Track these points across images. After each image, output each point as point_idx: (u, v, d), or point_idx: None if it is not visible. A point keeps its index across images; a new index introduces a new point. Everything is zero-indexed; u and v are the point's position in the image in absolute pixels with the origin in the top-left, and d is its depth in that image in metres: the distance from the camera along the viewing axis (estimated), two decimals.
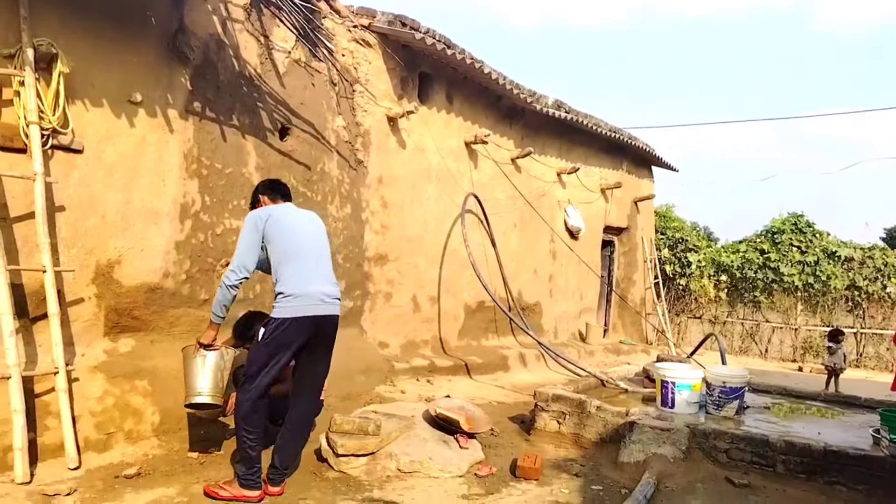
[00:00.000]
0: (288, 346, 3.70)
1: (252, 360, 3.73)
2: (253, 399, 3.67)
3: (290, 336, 3.68)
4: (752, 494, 4.27)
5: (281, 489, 3.83)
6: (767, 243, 15.48)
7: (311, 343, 3.80)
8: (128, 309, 4.71)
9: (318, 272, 3.87)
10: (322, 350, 3.90)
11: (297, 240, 3.82)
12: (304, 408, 3.97)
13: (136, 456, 4.13)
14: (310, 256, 3.85)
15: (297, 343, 3.72)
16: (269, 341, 3.67)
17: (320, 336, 3.81)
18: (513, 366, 8.83)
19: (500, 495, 4.11)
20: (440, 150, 8.27)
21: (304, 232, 3.91)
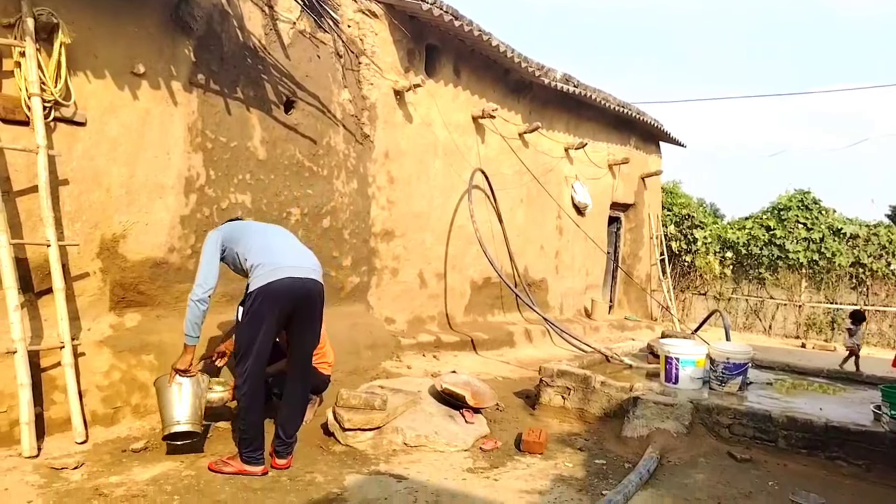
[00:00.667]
0: (266, 317, 3.60)
1: (238, 341, 3.70)
2: (250, 383, 3.65)
3: (266, 306, 3.59)
4: (754, 468, 4.30)
5: (287, 462, 3.83)
6: (773, 220, 15.38)
7: (295, 314, 3.72)
8: (133, 283, 4.69)
9: (290, 248, 3.88)
10: (306, 319, 3.79)
11: (262, 232, 3.96)
12: (298, 379, 3.93)
13: (144, 430, 4.15)
14: (278, 240, 3.90)
15: (277, 312, 3.62)
16: (249, 317, 3.63)
17: (301, 304, 3.71)
18: (518, 342, 8.83)
19: (504, 469, 4.13)
20: (447, 125, 8.18)
21: (268, 228, 4.09)
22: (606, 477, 4.08)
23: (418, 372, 6.45)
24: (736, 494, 3.85)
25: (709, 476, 4.13)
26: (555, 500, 3.64)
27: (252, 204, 5.55)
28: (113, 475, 3.52)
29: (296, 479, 3.68)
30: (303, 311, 3.75)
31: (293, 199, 5.99)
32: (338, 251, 6.59)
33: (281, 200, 5.86)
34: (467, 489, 3.71)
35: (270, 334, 3.69)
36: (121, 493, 3.29)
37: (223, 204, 5.29)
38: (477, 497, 3.59)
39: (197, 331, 3.76)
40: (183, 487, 3.42)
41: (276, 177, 5.78)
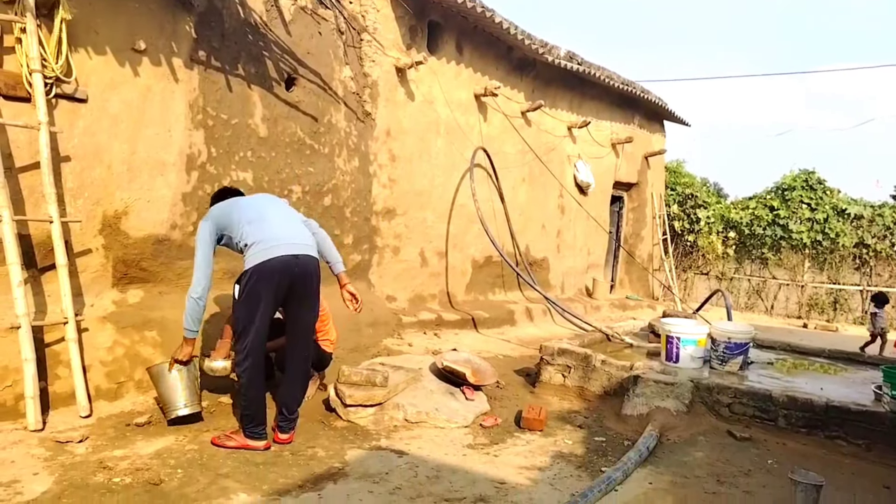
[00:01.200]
0: (263, 295, 3.63)
1: (237, 319, 3.73)
2: (251, 360, 3.69)
3: (262, 284, 3.62)
4: (753, 447, 4.34)
5: (290, 437, 3.89)
6: (777, 200, 15.35)
7: (292, 290, 3.74)
8: (135, 260, 4.72)
9: (284, 223, 3.83)
10: (303, 296, 3.80)
11: (254, 207, 3.87)
12: (298, 355, 3.96)
13: (147, 405, 4.20)
14: (271, 215, 3.83)
15: (273, 290, 3.65)
16: (244, 295, 3.65)
17: (297, 281, 3.73)
18: (519, 320, 8.88)
19: (504, 445, 4.18)
20: (449, 103, 8.15)
21: (261, 204, 3.95)
22: (606, 454, 4.13)
23: (419, 349, 6.49)
24: (735, 472, 3.89)
25: (708, 454, 4.17)
26: (554, 476, 3.69)
27: (253, 181, 5.55)
28: (117, 449, 3.58)
29: (298, 453, 3.74)
30: (299, 288, 3.76)
31: (294, 176, 5.99)
32: (339, 229, 6.61)
33: (282, 178, 5.86)
34: (467, 465, 3.76)
35: (268, 311, 3.72)
36: (125, 466, 3.35)
37: (224, 181, 5.29)
38: (477, 472, 3.65)
39: (196, 325, 3.83)
40: (186, 461, 3.48)
41: (278, 154, 5.79)
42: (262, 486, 3.26)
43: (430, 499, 3.26)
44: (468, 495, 3.33)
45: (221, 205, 3.96)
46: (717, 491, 3.61)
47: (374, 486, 3.36)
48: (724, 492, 3.61)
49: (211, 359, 4.37)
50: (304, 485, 3.32)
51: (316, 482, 3.36)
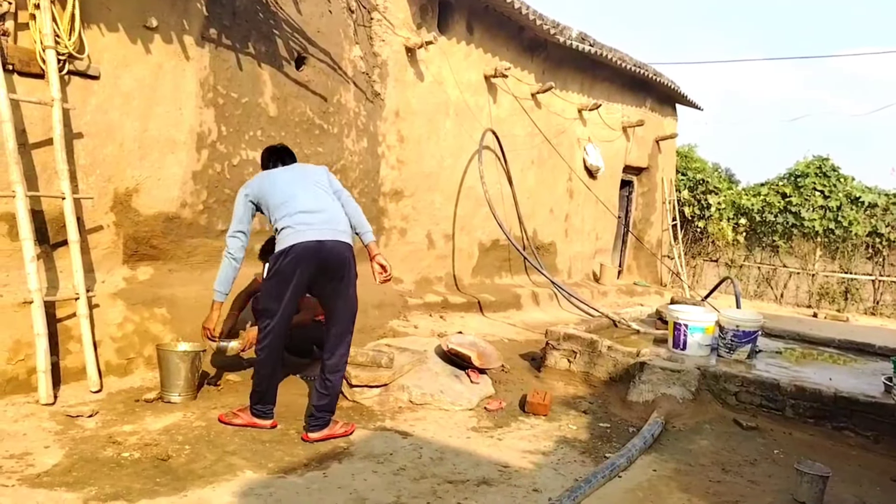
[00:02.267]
0: (291, 278, 3.63)
1: (263, 298, 3.79)
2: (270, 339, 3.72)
3: (291, 266, 3.62)
4: (759, 436, 4.36)
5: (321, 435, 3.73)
6: (790, 187, 15.26)
7: (320, 276, 3.71)
8: (146, 237, 4.79)
9: (314, 207, 3.77)
10: (336, 283, 3.76)
11: (285, 190, 3.80)
12: (335, 351, 3.84)
13: (156, 381, 4.26)
14: (303, 199, 3.77)
15: (301, 273, 3.63)
16: (273, 275, 3.67)
17: (325, 267, 3.69)
18: (525, 304, 8.92)
19: (508, 429, 4.23)
20: (459, 84, 8.14)
21: (293, 181, 3.87)
22: (610, 440, 4.17)
23: (425, 332, 6.54)
24: (740, 461, 3.92)
25: (713, 442, 4.20)
26: (558, 461, 3.74)
27: None
28: (126, 424, 3.66)
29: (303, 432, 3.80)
30: (328, 274, 3.73)
31: (303, 157, 6.01)
32: None
33: None
34: (471, 447, 3.82)
35: (296, 295, 3.72)
36: (134, 441, 3.43)
37: (234, 160, 5.34)
38: (481, 455, 3.70)
39: (226, 287, 3.91)
40: (193, 437, 3.56)
41: (287, 134, 5.82)
42: (268, 463, 3.33)
43: (434, 480, 3.32)
44: (472, 478, 3.39)
45: (258, 178, 3.96)
46: (721, 479, 3.64)
47: (378, 466, 3.43)
48: (728, 480, 3.64)
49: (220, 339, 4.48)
50: (309, 463, 3.39)
51: (321, 461, 3.43)
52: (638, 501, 3.28)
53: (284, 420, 3.95)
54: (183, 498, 2.89)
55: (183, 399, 4.09)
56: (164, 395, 4.09)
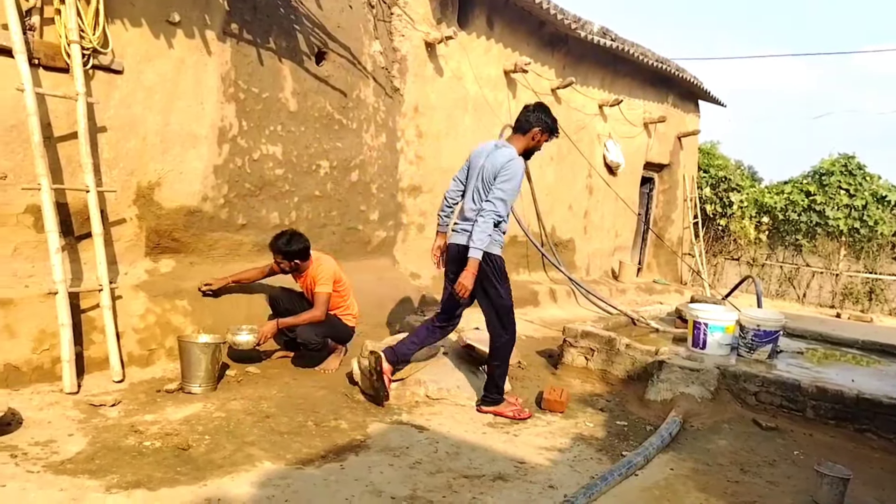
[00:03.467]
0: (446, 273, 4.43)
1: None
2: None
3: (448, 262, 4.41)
4: (779, 437, 4.32)
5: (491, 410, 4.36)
6: (814, 185, 15.06)
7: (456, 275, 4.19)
8: (168, 231, 4.86)
9: (465, 206, 4.35)
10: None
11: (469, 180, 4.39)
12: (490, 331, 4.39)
13: (177, 372, 4.33)
14: (466, 194, 4.37)
15: (449, 269, 4.38)
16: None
17: (455, 262, 4.28)
18: (543, 301, 8.90)
19: (524, 425, 4.24)
20: (478, 79, 8.15)
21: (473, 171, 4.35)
22: (627, 438, 4.15)
23: None
24: (759, 462, 3.89)
25: (732, 442, 4.17)
26: (574, 458, 3.73)
27: (283, 156, 5.65)
28: (148, 413, 3.72)
29: (321, 424, 3.85)
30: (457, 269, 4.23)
31: (322, 151, 6.08)
32: (365, 205, 6.70)
33: (311, 153, 5.95)
34: (487, 443, 3.83)
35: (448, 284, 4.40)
36: (155, 430, 3.48)
37: (255, 155, 5.40)
38: (496, 451, 3.71)
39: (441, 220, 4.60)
40: (213, 428, 3.60)
41: (307, 129, 5.87)
42: (286, 454, 3.36)
43: (450, 474, 3.33)
44: (487, 473, 3.39)
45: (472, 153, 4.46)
46: (740, 480, 3.61)
47: (394, 459, 3.45)
48: (747, 481, 3.61)
49: (235, 332, 4.56)
50: (326, 455, 3.42)
51: (338, 453, 3.46)
52: (654, 500, 3.27)
53: (302, 412, 3.99)
54: (202, 487, 2.93)
55: (203, 390, 4.15)
56: (184, 385, 4.16)
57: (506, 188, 4.06)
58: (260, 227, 5.52)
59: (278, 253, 4.78)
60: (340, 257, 5.70)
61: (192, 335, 4.44)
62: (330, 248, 6.09)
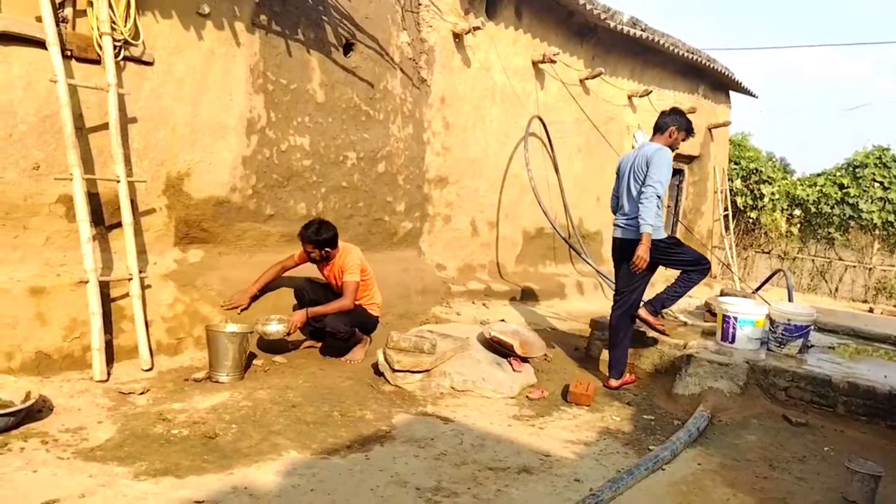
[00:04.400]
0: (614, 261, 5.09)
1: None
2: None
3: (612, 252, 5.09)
4: (809, 433, 4.25)
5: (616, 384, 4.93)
6: (848, 177, 14.75)
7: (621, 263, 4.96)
8: (197, 221, 4.89)
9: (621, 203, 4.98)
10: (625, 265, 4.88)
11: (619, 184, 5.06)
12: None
13: (205, 361, 4.37)
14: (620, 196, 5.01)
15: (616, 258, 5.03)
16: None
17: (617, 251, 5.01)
18: (570, 293, 8.85)
19: (550, 418, 4.21)
20: (506, 70, 8.07)
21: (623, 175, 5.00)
22: (654, 432, 4.12)
23: (467, 319, 6.54)
24: (788, 458, 3.84)
25: (761, 438, 4.12)
26: (600, 451, 3.70)
27: (310, 147, 5.66)
28: (175, 402, 3.76)
29: (346, 415, 3.85)
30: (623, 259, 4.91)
31: (350, 142, 6.07)
32: (392, 196, 6.68)
33: (338, 144, 5.95)
34: (512, 435, 3.81)
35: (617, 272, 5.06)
36: (183, 418, 3.52)
37: (283, 146, 5.40)
38: (522, 444, 3.69)
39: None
40: (240, 417, 3.63)
41: (334, 120, 5.86)
42: (311, 444, 3.38)
43: (475, 466, 3.32)
44: (512, 465, 3.38)
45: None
46: (768, 475, 3.57)
47: (419, 450, 3.45)
48: (776, 477, 3.56)
49: (264, 322, 4.57)
50: (352, 445, 3.43)
51: (364, 444, 3.47)
52: (681, 495, 3.23)
53: (328, 402, 4.01)
54: (229, 475, 2.96)
55: (230, 379, 4.17)
56: (212, 374, 4.19)
57: (656, 174, 4.66)
58: (287, 217, 5.53)
59: (309, 242, 4.78)
60: (366, 248, 5.70)
61: (220, 324, 4.47)
62: (356, 238, 6.09)
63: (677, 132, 4.96)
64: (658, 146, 4.83)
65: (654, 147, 4.84)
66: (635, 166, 4.86)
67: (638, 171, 4.82)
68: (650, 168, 4.70)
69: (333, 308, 4.72)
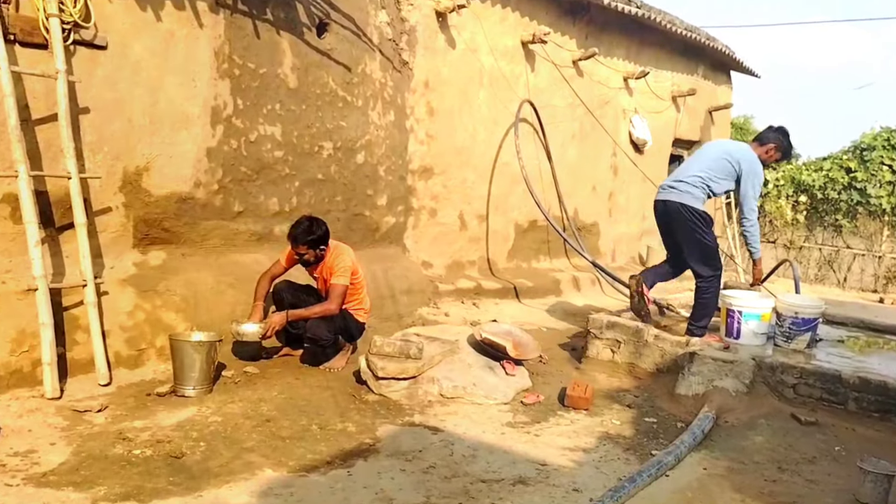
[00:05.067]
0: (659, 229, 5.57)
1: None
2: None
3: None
4: (819, 432, 4.28)
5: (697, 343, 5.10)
6: (855, 161, 14.83)
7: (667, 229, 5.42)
8: (157, 220, 4.78)
9: (679, 169, 5.36)
10: (675, 234, 5.33)
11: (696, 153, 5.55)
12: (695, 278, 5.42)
13: (169, 373, 4.27)
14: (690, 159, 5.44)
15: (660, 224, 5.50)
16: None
17: (666, 221, 5.35)
18: (565, 290, 8.84)
19: (546, 424, 4.19)
20: (493, 51, 8.01)
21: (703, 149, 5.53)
22: (657, 436, 4.12)
23: (456, 320, 6.51)
24: (798, 459, 3.86)
25: (769, 439, 4.14)
26: (600, 458, 3.69)
27: (282, 136, 5.56)
28: (137, 419, 3.66)
29: (326, 428, 3.79)
30: (670, 228, 5.34)
31: (326, 131, 5.98)
32: (372, 189, 6.60)
33: (313, 133, 5.86)
34: (506, 444, 3.78)
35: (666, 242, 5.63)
36: (145, 437, 3.43)
37: (252, 136, 5.31)
38: (516, 452, 3.66)
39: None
40: (209, 434, 3.55)
41: (308, 107, 5.78)
42: (288, 461, 3.32)
43: (466, 479, 3.28)
44: (507, 476, 3.35)
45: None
46: (777, 478, 3.59)
47: (406, 463, 3.40)
48: (785, 479, 3.59)
49: (238, 322, 4.49)
50: (332, 461, 3.37)
51: (345, 458, 3.41)
52: (687, 502, 3.24)
53: (306, 415, 3.94)
54: (198, 498, 2.89)
55: (198, 392, 4.09)
56: (177, 388, 4.09)
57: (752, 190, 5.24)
58: (258, 214, 5.45)
59: (302, 243, 4.67)
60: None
61: (185, 333, 4.38)
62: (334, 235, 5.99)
63: (775, 151, 5.34)
64: (755, 156, 5.21)
65: (752, 155, 5.21)
66: (722, 155, 5.25)
67: (722, 160, 5.20)
68: (744, 181, 5.17)
69: (317, 312, 4.64)
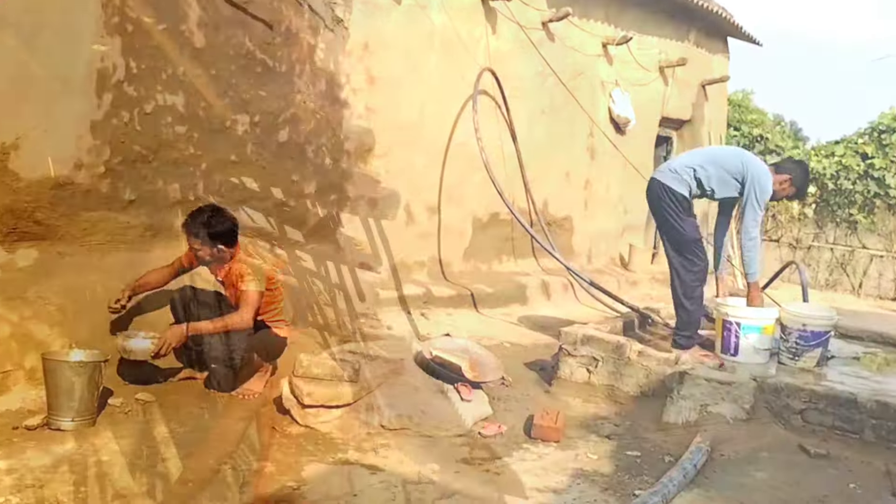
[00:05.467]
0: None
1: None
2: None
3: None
4: (831, 466, 4.36)
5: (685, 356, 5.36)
6: (872, 146, 15.25)
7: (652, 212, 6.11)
8: (28, 210, 4.69)
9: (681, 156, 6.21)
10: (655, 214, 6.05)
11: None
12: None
13: (42, 402, 4.18)
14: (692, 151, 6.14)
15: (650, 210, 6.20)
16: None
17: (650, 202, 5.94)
18: (532, 297, 8.94)
19: (510, 460, 4.22)
20: (447, 8, 8.06)
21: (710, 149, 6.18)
22: (641, 473, 4.17)
23: (401, 334, 6.54)
24: (806, 498, 3.93)
25: (772, 475, 4.21)
26: (573, 500, 3.73)
27: (186, 108, 5.50)
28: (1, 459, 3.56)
29: (239, 469, 3.75)
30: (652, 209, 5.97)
31: (241, 102, 5.95)
32: (298, 174, 6.59)
33: (224, 104, 5.82)
34: (461, 485, 3.79)
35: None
36: (10, 482, 3.34)
37: (148, 107, 5.25)
38: (473, 495, 3.67)
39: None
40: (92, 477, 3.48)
41: (219, 72, 5.74)
42: None
43: None
44: None
45: None
46: None
47: None
48: None
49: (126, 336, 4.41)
50: None
51: None
52: None
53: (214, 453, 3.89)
54: None
55: (77, 425, 4.01)
56: (52, 419, 4.01)
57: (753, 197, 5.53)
58: (154, 203, 5.39)
59: (196, 236, 4.64)
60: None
61: (62, 352, 4.31)
62: (253, 231, 5.98)
63: (790, 185, 5.67)
64: (767, 170, 5.56)
65: (765, 169, 5.57)
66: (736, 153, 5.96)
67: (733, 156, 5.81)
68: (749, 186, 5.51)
69: (224, 325, 4.59)
